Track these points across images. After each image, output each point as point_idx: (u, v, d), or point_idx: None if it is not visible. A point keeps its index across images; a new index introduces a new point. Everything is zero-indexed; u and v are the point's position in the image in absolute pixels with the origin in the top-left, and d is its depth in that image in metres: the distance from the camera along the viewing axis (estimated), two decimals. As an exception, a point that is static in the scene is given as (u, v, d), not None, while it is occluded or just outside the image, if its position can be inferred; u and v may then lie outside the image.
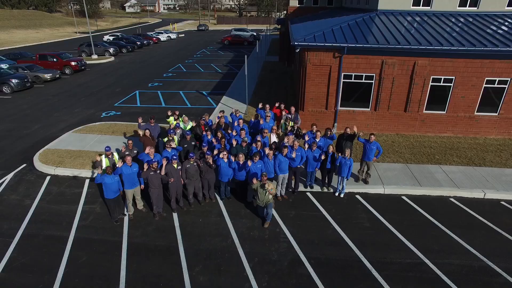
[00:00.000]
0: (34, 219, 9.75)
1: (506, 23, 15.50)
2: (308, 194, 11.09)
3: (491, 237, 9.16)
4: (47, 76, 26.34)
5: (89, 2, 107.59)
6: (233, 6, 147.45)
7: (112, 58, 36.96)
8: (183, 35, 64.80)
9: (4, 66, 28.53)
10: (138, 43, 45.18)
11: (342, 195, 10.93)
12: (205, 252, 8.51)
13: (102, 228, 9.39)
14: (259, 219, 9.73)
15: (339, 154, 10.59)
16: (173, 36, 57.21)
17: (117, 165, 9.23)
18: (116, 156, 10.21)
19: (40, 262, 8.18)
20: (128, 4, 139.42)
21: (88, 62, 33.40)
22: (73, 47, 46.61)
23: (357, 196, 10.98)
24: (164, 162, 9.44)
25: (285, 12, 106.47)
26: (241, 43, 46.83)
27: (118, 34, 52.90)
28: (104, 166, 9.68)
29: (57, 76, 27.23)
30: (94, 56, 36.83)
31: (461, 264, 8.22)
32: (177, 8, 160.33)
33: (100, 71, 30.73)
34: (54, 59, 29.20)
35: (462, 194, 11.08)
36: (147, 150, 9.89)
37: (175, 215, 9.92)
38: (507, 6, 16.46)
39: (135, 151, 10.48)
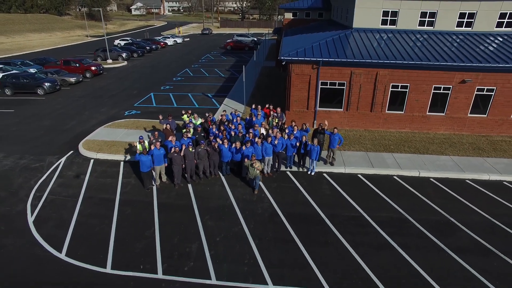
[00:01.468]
0: (88, 188, 13.58)
1: (455, 41, 19.18)
2: (288, 172, 14.86)
3: (414, 201, 12.89)
4: (72, 79, 30.22)
5: (97, 5, 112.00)
6: (236, 8, 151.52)
7: (125, 63, 40.86)
8: (188, 39, 68.65)
9: (32, 70, 32.54)
10: (148, 48, 49.08)
11: (313, 173, 14.68)
12: (211, 208, 12.30)
13: (138, 193, 13.21)
14: (250, 188, 13.51)
15: (311, 142, 14.34)
16: (179, 40, 61.09)
17: (148, 148, 13.04)
18: (146, 143, 14.01)
19: (100, 213, 12.00)
20: (134, 6, 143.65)
21: (104, 66, 37.26)
22: (86, 51, 50.62)
23: (324, 174, 14.74)
24: (183, 147, 13.24)
25: (284, 15, 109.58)
26: (242, 48, 50.59)
27: (128, 38, 56.92)
28: (138, 149, 13.48)
29: (80, 79, 31.12)
30: (109, 61, 40.69)
31: (387, 216, 11.96)
32: (181, 10, 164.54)
33: (115, 75, 34.60)
34: (77, 64, 33.09)
35: (403, 173, 14.81)
36: (170, 138, 13.69)
37: (189, 186, 13.72)
38: (457, 26, 20.13)
39: (159, 140, 14.27)
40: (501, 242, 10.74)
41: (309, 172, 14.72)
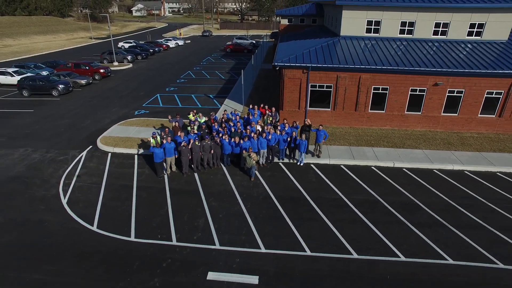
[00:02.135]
0: (109, 176, 15.89)
1: (432, 48, 21.49)
2: (280, 164, 17.18)
3: (387, 187, 15.21)
4: (83, 81, 32.49)
5: (99, 7, 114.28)
6: (235, 9, 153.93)
7: (130, 65, 43.15)
8: (189, 41, 70.92)
9: (44, 73, 34.86)
10: (151, 50, 51.34)
11: (301, 164, 17.00)
12: (215, 192, 14.61)
13: (152, 181, 15.51)
14: (247, 177, 15.81)
15: (299, 137, 16.66)
16: (180, 42, 63.38)
17: (160, 143, 15.34)
18: (158, 138, 16.31)
19: (121, 196, 14.30)
20: (135, 8, 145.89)
21: (111, 68, 39.48)
22: (92, 53, 52.85)
23: (312, 165, 17.06)
24: (191, 142, 15.55)
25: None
26: (242, 51, 52.88)
27: (131, 41, 59.10)
28: (152, 143, 15.77)
29: (90, 81, 33.40)
30: (115, 63, 42.96)
31: (363, 198, 14.28)
32: (182, 12, 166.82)
33: (122, 77, 36.88)
34: (86, 67, 35.35)
35: (380, 164, 17.14)
36: (179, 134, 16.00)
37: (196, 174, 16.02)
38: (433, 35, 22.45)
39: (169, 135, 16.57)
40: (453, 218, 13.07)
41: (298, 163, 17.04)
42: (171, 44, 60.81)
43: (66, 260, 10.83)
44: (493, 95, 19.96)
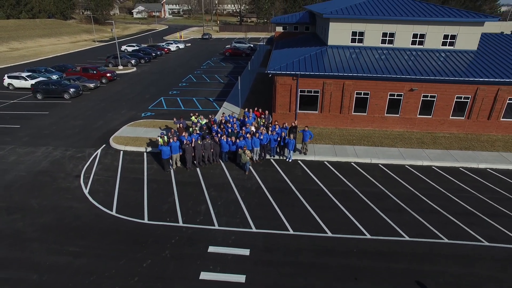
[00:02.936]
0: (123, 170, 18.33)
1: (410, 57, 23.95)
2: (271, 160, 19.64)
3: (362, 179, 17.65)
4: (91, 85, 34.91)
5: (100, 9, 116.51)
6: (234, 10, 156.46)
7: (134, 69, 45.57)
8: (189, 44, 73.33)
9: (55, 77, 37.27)
10: (153, 54, 53.78)
11: (290, 161, 19.45)
12: (214, 184, 17.05)
13: (160, 175, 17.96)
14: (243, 171, 18.26)
15: (288, 137, 19.10)
16: (181, 46, 65.80)
17: (167, 141, 17.79)
18: (165, 137, 18.75)
19: (134, 187, 16.75)
20: (136, 10, 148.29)
21: (116, 72, 41.88)
22: (96, 57, 55.17)
23: (299, 161, 19.51)
24: (193, 141, 18.00)
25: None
26: (240, 55, 55.32)
27: (134, 44, 61.54)
28: (160, 142, 18.20)
29: (98, 85, 35.81)
30: (120, 67, 45.33)
31: (340, 189, 16.74)
32: (182, 13, 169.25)
33: (127, 80, 39.31)
34: (94, 71, 37.77)
35: (359, 160, 19.59)
36: (183, 134, 18.44)
37: (198, 169, 18.47)
38: (411, 44, 24.91)
39: (175, 135, 19.01)
40: (415, 205, 15.52)
41: (287, 160, 19.49)
42: (172, 47, 63.19)
43: (93, 237, 13.28)
44: (462, 100, 22.42)
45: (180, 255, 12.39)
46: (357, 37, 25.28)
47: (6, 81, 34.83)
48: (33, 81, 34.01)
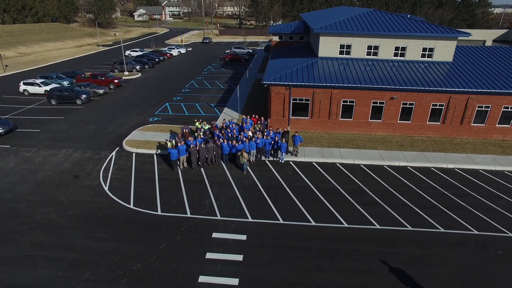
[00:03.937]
0: (136, 170, 20.98)
1: (392, 68, 26.62)
2: (266, 161, 22.31)
3: (345, 178, 20.32)
4: (101, 91, 37.52)
5: (102, 12, 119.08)
6: (234, 12, 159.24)
7: (139, 74, 48.18)
8: (190, 48, 75.89)
9: (65, 83, 39.93)
10: (157, 59, 56.38)
11: (282, 162, 22.13)
12: (216, 182, 19.71)
13: (169, 174, 20.61)
14: (241, 171, 20.92)
15: (280, 141, 21.76)
16: (182, 50, 68.39)
17: (175, 145, 20.47)
18: (173, 141, 21.40)
19: (147, 185, 19.40)
20: (137, 13, 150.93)
21: (122, 78, 44.47)
22: (101, 62, 57.67)
23: (290, 162, 22.19)
24: (198, 144, 20.67)
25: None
26: (239, 60, 57.96)
27: (137, 49, 64.04)
28: (169, 145, 20.84)
29: (106, 91, 38.42)
30: (126, 73, 47.90)
31: (325, 186, 19.41)
32: (182, 15, 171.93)
33: (134, 86, 41.92)
34: (103, 78, 40.41)
35: (343, 161, 22.26)
36: (189, 138, 21.11)
37: (202, 169, 21.13)
38: (394, 56, 27.60)
39: (182, 139, 21.66)
40: (388, 200, 18.20)
41: (280, 161, 22.16)
42: (174, 52, 65.77)
43: (115, 226, 15.94)
44: (437, 107, 25.11)
45: (189, 240, 15.05)
46: (344, 50, 27.96)
47: (22, 87, 37.46)
48: (46, 88, 36.69)
